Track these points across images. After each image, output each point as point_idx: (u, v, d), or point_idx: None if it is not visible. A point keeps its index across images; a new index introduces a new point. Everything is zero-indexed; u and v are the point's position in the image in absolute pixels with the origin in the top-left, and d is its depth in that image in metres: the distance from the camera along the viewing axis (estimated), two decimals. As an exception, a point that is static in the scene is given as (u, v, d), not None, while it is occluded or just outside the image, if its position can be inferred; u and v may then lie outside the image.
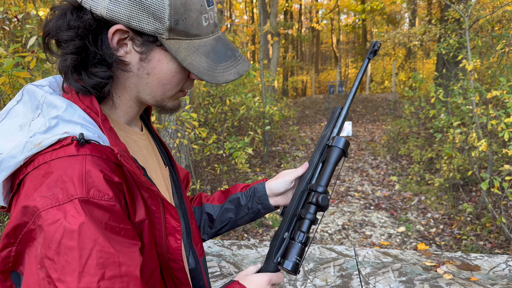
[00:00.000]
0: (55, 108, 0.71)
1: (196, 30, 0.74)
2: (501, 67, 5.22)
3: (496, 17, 5.95)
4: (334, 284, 2.71)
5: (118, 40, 0.72)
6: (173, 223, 0.82)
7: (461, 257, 3.04)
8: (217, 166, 5.59)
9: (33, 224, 0.63)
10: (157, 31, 0.71)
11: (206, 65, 0.76)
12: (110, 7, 0.69)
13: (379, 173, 7.08)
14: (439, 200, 5.38)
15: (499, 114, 3.89)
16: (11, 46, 2.12)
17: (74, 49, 0.71)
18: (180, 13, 0.71)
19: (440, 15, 10.10)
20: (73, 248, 0.61)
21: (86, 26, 0.70)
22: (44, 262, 0.61)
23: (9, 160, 0.68)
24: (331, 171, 0.92)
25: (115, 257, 0.64)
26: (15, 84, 2.15)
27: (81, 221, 0.62)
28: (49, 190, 0.63)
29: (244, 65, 0.81)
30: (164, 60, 0.75)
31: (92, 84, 0.72)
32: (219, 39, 0.80)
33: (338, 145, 0.92)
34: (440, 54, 7.83)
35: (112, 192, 0.67)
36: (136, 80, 0.77)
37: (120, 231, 0.67)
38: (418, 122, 8.07)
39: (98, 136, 0.70)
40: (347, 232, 4.63)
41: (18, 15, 2.64)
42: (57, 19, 0.72)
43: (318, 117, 13.85)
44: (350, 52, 29.93)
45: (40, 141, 0.67)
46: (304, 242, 0.88)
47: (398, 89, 16.37)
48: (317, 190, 0.90)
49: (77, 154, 0.66)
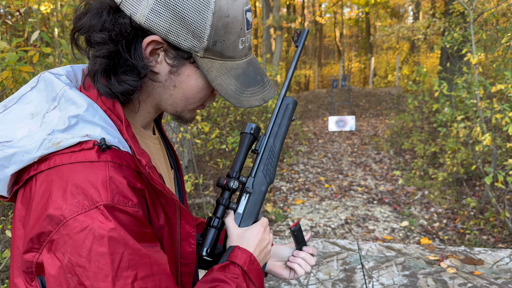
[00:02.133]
0: (74, 104, 0.70)
1: (231, 52, 0.73)
2: (506, 61, 5.18)
3: (501, 10, 5.89)
4: (337, 277, 2.71)
5: (151, 50, 0.70)
6: (188, 228, 0.83)
7: (465, 251, 3.03)
8: (220, 160, 5.58)
9: (57, 234, 0.62)
10: (193, 48, 0.70)
11: (234, 87, 0.75)
12: (150, 17, 0.67)
13: (382, 168, 7.07)
14: (442, 194, 5.37)
15: (504, 108, 3.86)
16: (13, 41, 2.12)
17: (106, 53, 0.68)
18: (219, 35, 0.70)
19: (444, 8, 10.02)
20: (104, 254, 0.61)
21: (121, 31, 0.68)
22: (75, 270, 0.61)
23: (22, 155, 0.66)
24: (242, 156, 0.97)
25: (145, 258, 0.65)
26: (18, 79, 2.15)
27: (110, 227, 0.62)
28: (73, 198, 0.62)
29: (270, 92, 0.81)
30: (194, 76, 0.74)
31: (121, 91, 0.71)
32: (251, 63, 0.79)
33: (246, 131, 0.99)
34: (444, 48, 7.77)
35: (136, 198, 0.67)
36: (161, 90, 0.76)
37: (143, 236, 0.68)
38: (421, 117, 8.03)
39: (118, 140, 0.70)
40: (350, 226, 4.63)
41: (20, 9, 2.63)
42: (92, 16, 0.69)
43: (321, 111, 13.81)
44: (354, 46, 29.78)
45: (59, 140, 0.66)
46: (219, 227, 0.92)
47: (402, 83, 16.29)
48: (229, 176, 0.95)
49: (98, 160, 0.65)
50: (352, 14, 28.50)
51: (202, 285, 0.80)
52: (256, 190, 0.97)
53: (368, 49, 23.65)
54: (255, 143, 0.99)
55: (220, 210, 0.93)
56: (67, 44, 3.05)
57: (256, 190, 0.97)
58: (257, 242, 0.89)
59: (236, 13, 0.70)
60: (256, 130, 0.98)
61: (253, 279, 0.84)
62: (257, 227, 0.92)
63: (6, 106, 0.75)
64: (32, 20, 3.94)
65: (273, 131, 1.00)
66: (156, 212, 0.75)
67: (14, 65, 2.03)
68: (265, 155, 0.98)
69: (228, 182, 0.93)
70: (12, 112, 0.74)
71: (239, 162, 0.96)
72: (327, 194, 5.80)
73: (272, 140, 0.99)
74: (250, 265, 0.85)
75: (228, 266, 0.83)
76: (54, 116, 0.70)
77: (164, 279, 0.67)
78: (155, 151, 0.88)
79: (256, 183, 0.97)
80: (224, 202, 0.93)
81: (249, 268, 0.84)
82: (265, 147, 0.99)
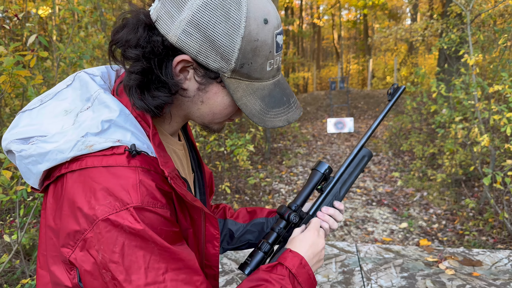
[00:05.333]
0: (107, 108, 0.73)
1: (258, 74, 0.75)
2: (503, 62, 5.19)
3: (498, 11, 5.91)
4: (336, 280, 2.71)
5: (181, 68, 0.73)
6: (213, 231, 0.86)
7: (463, 253, 3.03)
8: (219, 163, 5.58)
9: (91, 232, 0.66)
10: (221, 69, 0.72)
11: (259, 108, 0.77)
12: (182, 38, 0.70)
13: (381, 169, 7.07)
14: (441, 195, 5.37)
15: (501, 109, 3.87)
16: (11, 45, 2.12)
17: (140, 70, 0.72)
18: (247, 58, 0.72)
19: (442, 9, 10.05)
20: (136, 247, 0.65)
21: (154, 49, 0.71)
22: (109, 266, 0.65)
23: (56, 154, 0.70)
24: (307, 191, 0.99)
25: (175, 254, 0.69)
26: (16, 83, 2.15)
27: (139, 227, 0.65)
28: (106, 199, 0.66)
29: (295, 113, 0.82)
30: (220, 94, 0.76)
31: (154, 105, 0.74)
32: (278, 84, 0.81)
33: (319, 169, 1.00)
34: (442, 49, 7.79)
35: (165, 199, 0.71)
36: (189, 104, 0.79)
37: (173, 235, 0.71)
38: (420, 118, 8.04)
39: (147, 146, 0.73)
40: (349, 228, 4.63)
41: (18, 13, 2.64)
42: (129, 31, 0.72)
43: (320, 113, 13.82)
44: (352, 47, 29.83)
45: (92, 143, 0.69)
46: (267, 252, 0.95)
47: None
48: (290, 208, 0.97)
49: (128, 165, 0.69)
50: (350, 16, 28.55)
51: (247, 283, 0.82)
52: None
53: (366, 51, 23.69)
54: (323, 183, 1.02)
55: (273, 237, 0.95)
56: (64, 48, 3.06)
57: None
58: (309, 245, 0.90)
59: (265, 37, 0.72)
60: (329, 172, 1.00)
61: (302, 283, 0.84)
62: (311, 230, 0.93)
63: (42, 100, 0.79)
64: (30, 25, 3.94)
65: (343, 178, 1.02)
66: (183, 214, 0.79)
67: (11, 70, 2.04)
68: (328, 199, 1.01)
69: (290, 214, 0.96)
70: (48, 107, 0.77)
71: (303, 196, 0.99)
72: (326, 196, 5.79)
73: (339, 187, 1.02)
74: (300, 269, 0.85)
75: (275, 267, 0.84)
76: (87, 117, 0.74)
77: (194, 272, 0.70)
78: (181, 157, 0.91)
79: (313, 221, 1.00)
80: (278, 231, 0.96)
81: (298, 271, 0.84)
82: (330, 191, 1.01)
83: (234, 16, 0.68)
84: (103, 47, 4.77)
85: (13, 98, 3.83)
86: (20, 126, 0.76)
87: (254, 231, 1.13)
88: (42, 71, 3.87)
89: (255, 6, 0.70)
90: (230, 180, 5.89)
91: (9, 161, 2.00)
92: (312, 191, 1.00)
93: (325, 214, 1.00)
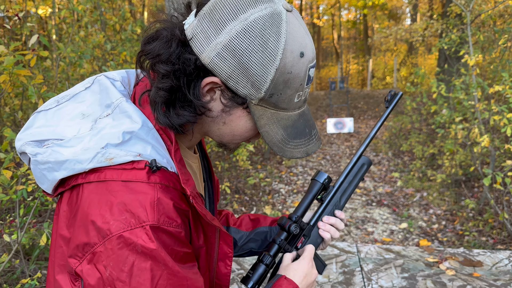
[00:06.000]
0: (129, 118, 0.72)
1: (285, 105, 0.74)
2: (503, 62, 5.19)
3: (498, 12, 5.91)
4: (336, 280, 2.71)
5: (208, 89, 0.72)
6: (226, 249, 0.85)
7: (464, 253, 3.03)
8: (218, 163, 5.58)
9: (101, 247, 0.64)
10: (249, 96, 0.71)
11: (280, 137, 0.76)
12: (215, 60, 0.68)
13: (381, 170, 7.07)
14: (441, 196, 5.37)
15: (502, 109, 3.87)
16: (11, 44, 2.11)
17: (169, 87, 0.70)
18: (278, 89, 0.71)
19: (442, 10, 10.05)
20: (145, 269, 0.63)
21: (185, 68, 0.69)
22: (115, 284, 0.63)
23: (74, 164, 0.68)
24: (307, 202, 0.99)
25: (183, 281, 0.67)
26: (16, 82, 2.15)
27: (153, 247, 0.64)
28: (122, 214, 0.64)
29: (315, 145, 0.82)
30: (244, 118, 0.76)
31: (179, 124, 0.73)
32: (303, 115, 0.80)
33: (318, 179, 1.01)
34: (442, 50, 7.79)
35: (180, 219, 0.69)
36: (211, 123, 0.78)
37: (184, 256, 0.70)
38: (420, 118, 8.04)
39: (166, 161, 0.72)
40: (349, 228, 4.62)
41: (19, 13, 2.63)
42: (162, 45, 0.70)
43: (319, 113, 13.82)
44: (351, 48, 29.83)
45: (112, 156, 0.68)
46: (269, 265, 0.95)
47: (400, 85, 16.32)
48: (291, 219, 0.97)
49: (147, 181, 0.67)
50: (350, 16, 28.55)
51: None
52: (312, 240, 1.00)
53: (366, 51, 23.70)
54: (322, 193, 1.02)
55: (274, 249, 0.96)
56: (64, 48, 3.05)
57: (312, 240, 1.00)
58: (304, 275, 0.89)
59: (299, 70, 0.71)
60: (328, 182, 1.00)
61: None
62: (306, 260, 0.93)
63: (59, 101, 0.77)
64: (30, 25, 3.93)
65: (342, 187, 1.02)
66: (197, 233, 0.77)
67: (11, 69, 2.03)
68: (329, 209, 1.01)
69: (290, 225, 0.96)
70: (64, 108, 0.75)
71: (303, 207, 0.99)
72: (326, 196, 5.79)
73: (339, 196, 1.02)
74: None
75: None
76: (106, 124, 0.72)
77: None
78: (196, 171, 0.90)
79: (314, 233, 1.00)
80: (279, 243, 0.96)
81: None
82: (330, 200, 1.01)
83: (272, 47, 0.67)
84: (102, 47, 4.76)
85: (13, 98, 3.82)
86: (35, 126, 0.74)
87: (257, 240, 1.13)
88: (41, 71, 3.87)
89: (293, 39, 0.69)
90: (230, 180, 5.89)
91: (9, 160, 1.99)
92: (312, 201, 0.99)
93: (326, 224, 1.00)
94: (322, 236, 1.00)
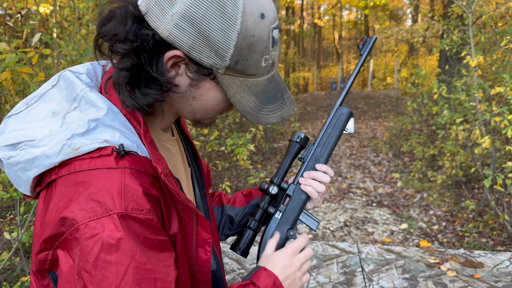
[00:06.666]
0: (94, 107, 0.70)
1: (253, 70, 0.72)
2: (505, 64, 5.18)
3: (500, 13, 5.91)
4: (337, 280, 2.71)
5: (172, 64, 0.70)
6: (205, 235, 0.82)
7: (465, 254, 3.03)
8: (219, 162, 5.57)
9: (70, 235, 0.63)
10: (214, 66, 0.69)
11: (253, 105, 0.74)
12: (173, 32, 0.66)
13: (381, 170, 7.07)
14: (441, 197, 5.37)
15: (503, 111, 3.87)
16: (13, 42, 2.11)
17: (130, 66, 0.68)
18: (243, 54, 0.69)
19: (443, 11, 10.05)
20: (110, 262, 0.61)
21: (144, 44, 0.67)
22: (82, 274, 0.62)
23: (43, 159, 0.67)
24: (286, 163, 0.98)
25: (151, 273, 0.64)
26: (17, 80, 2.14)
27: (119, 237, 0.62)
28: (88, 203, 0.62)
29: (289, 109, 0.80)
30: (213, 90, 0.74)
31: (146, 104, 0.71)
32: (273, 79, 0.78)
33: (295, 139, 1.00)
34: (443, 51, 7.79)
35: (150, 205, 0.67)
36: (180, 99, 0.76)
37: (158, 244, 0.67)
38: (420, 119, 8.04)
39: (137, 146, 0.70)
40: (349, 229, 4.62)
41: (21, 11, 2.62)
42: (117, 24, 0.68)
43: (320, 113, 13.82)
44: (352, 48, 29.83)
45: (78, 146, 0.66)
46: (255, 229, 0.96)
47: (401, 85, 16.32)
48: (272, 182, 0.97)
49: (116, 167, 0.65)
50: (351, 17, 28.55)
51: None
52: (296, 198, 0.98)
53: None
54: (302, 152, 1.00)
55: (259, 214, 0.96)
56: (65, 45, 3.04)
57: (296, 198, 0.98)
58: (283, 265, 0.87)
59: (262, 32, 0.69)
60: (304, 140, 0.99)
61: None
62: (286, 251, 0.91)
63: (28, 104, 0.75)
64: (32, 22, 3.93)
65: (322, 141, 1.00)
66: (170, 219, 0.74)
67: (13, 66, 2.02)
68: (310, 164, 0.99)
69: (269, 187, 0.96)
70: (34, 110, 0.74)
71: (283, 169, 0.98)
72: (326, 197, 5.79)
73: (319, 150, 1.00)
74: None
75: (248, 286, 0.82)
76: (74, 117, 0.70)
77: None
78: (174, 153, 0.88)
79: (297, 191, 0.98)
80: (263, 206, 0.96)
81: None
82: (311, 157, 0.99)
83: (230, 11, 0.65)
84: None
85: (14, 95, 3.82)
86: (8, 131, 0.72)
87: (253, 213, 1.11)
88: (43, 68, 3.86)
89: (252, 1, 0.67)
90: (230, 179, 5.89)
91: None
92: (291, 162, 0.98)
93: (306, 178, 0.97)
94: (305, 191, 0.97)
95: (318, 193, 0.97)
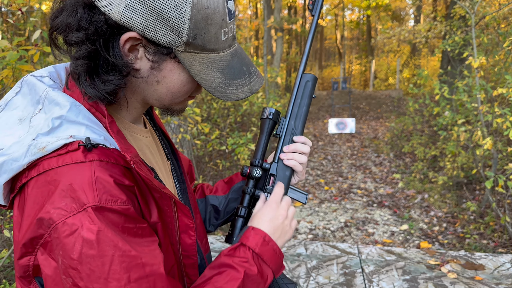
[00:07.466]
0: (57, 105, 0.69)
1: (213, 45, 0.71)
2: (507, 65, 5.16)
3: (502, 14, 5.89)
4: (337, 281, 2.70)
5: (130, 47, 0.68)
6: (186, 221, 0.81)
7: (466, 256, 3.02)
8: (220, 161, 5.57)
9: (49, 236, 0.62)
10: (173, 43, 0.68)
11: (219, 81, 0.73)
12: (126, 13, 0.65)
13: (382, 171, 7.05)
14: (442, 198, 5.35)
15: (505, 112, 3.85)
16: (14, 39, 2.11)
17: (86, 54, 0.67)
18: (200, 28, 0.67)
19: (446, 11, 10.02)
20: (94, 256, 0.61)
21: (97, 30, 0.66)
22: (69, 272, 0.61)
23: (11, 163, 0.66)
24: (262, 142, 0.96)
25: (137, 259, 0.64)
26: (18, 77, 2.14)
27: (97, 229, 0.61)
28: (62, 201, 0.62)
29: (257, 82, 0.79)
30: (176, 70, 0.72)
31: (107, 91, 0.69)
32: (236, 53, 0.77)
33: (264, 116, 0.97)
34: (445, 51, 7.77)
35: (125, 195, 0.66)
36: (144, 85, 0.75)
37: (138, 231, 0.67)
38: (422, 120, 8.02)
39: (104, 138, 0.68)
40: (349, 229, 4.61)
41: (22, 8, 2.62)
42: (68, 15, 0.67)
43: (321, 113, 13.81)
44: (354, 48, 29.81)
45: (44, 145, 0.65)
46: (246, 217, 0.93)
47: (402, 86, 16.30)
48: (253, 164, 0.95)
49: (84, 160, 0.65)
50: (353, 17, 28.52)
51: (209, 271, 0.79)
52: (281, 176, 0.96)
53: (369, 51, 23.66)
54: (276, 127, 0.98)
55: (246, 200, 0.94)
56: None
57: (281, 176, 0.96)
58: (269, 219, 0.86)
59: (216, 3, 0.68)
60: (275, 114, 0.97)
61: (267, 261, 0.82)
62: (268, 204, 0.90)
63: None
64: (33, 19, 3.93)
65: (293, 112, 0.97)
66: (148, 208, 0.74)
67: (14, 64, 2.02)
68: (287, 139, 0.97)
69: (251, 171, 0.93)
70: (0, 119, 0.73)
71: (261, 148, 0.95)
72: (327, 197, 5.79)
73: (293, 122, 0.97)
74: (264, 246, 0.82)
75: (238, 249, 0.81)
76: (40, 119, 0.69)
77: (158, 279, 0.66)
78: (147, 144, 0.86)
79: (280, 168, 0.96)
80: (249, 191, 0.94)
81: (261, 249, 0.81)
82: (286, 130, 0.97)
83: None
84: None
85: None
86: None
87: (237, 198, 1.09)
88: (44, 66, 3.86)
89: None
90: (231, 179, 5.87)
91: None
92: (267, 140, 0.96)
93: (287, 152, 0.96)
94: (289, 166, 0.95)
95: (301, 165, 0.96)
